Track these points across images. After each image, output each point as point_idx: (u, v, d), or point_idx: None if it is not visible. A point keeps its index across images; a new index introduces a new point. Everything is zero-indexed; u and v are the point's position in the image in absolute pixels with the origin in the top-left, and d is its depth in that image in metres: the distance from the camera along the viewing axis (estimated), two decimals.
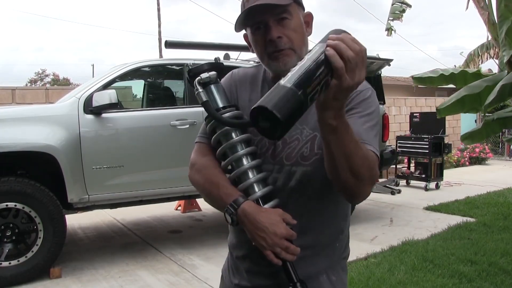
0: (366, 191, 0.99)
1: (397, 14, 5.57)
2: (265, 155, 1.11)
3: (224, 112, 1.07)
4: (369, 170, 0.95)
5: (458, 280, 3.29)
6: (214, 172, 1.11)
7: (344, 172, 0.93)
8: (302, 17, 1.10)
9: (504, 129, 5.87)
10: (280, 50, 1.05)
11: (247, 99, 1.16)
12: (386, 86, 6.23)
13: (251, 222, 1.01)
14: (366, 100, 1.07)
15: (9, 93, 6.45)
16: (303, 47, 1.09)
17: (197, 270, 3.63)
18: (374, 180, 1.00)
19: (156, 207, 5.50)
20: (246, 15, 1.05)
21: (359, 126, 1.02)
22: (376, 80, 5.64)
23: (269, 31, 1.04)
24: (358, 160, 0.92)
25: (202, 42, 5.37)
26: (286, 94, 0.76)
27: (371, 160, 0.97)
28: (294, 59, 1.04)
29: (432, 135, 7.57)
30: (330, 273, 1.15)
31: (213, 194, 1.09)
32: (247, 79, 1.20)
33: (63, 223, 3.58)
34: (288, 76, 0.78)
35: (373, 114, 1.07)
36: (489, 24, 4.77)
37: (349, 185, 0.95)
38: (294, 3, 1.07)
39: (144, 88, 5.19)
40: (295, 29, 1.06)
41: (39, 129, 3.52)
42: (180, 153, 4.01)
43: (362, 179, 0.94)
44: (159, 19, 17.01)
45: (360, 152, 0.93)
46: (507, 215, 5.30)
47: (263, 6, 1.02)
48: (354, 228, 4.83)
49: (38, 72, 38.10)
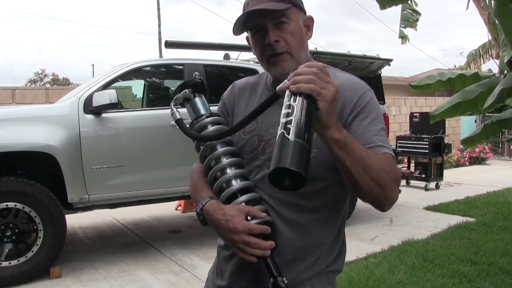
0: (394, 196, 0.98)
1: (410, 23, 5.57)
2: (255, 152, 1.13)
3: (202, 119, 1.14)
4: (389, 174, 0.95)
5: (458, 280, 3.29)
6: (198, 176, 1.17)
7: (367, 184, 0.93)
8: (302, 20, 1.11)
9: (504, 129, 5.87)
10: (277, 54, 1.07)
11: (244, 105, 1.21)
12: (386, 86, 6.24)
13: (210, 220, 1.04)
14: (368, 103, 1.07)
15: (9, 93, 6.45)
16: (301, 51, 1.10)
17: (197, 270, 3.63)
18: (398, 182, 0.99)
19: (156, 207, 5.51)
20: (246, 18, 1.07)
21: (369, 131, 1.02)
22: (376, 80, 5.64)
23: (267, 34, 1.07)
24: (376, 166, 0.93)
25: (202, 42, 5.39)
26: (297, 150, 0.79)
27: (389, 163, 0.96)
28: (292, 63, 1.07)
29: (432, 135, 7.57)
30: (315, 283, 1.10)
31: (194, 197, 1.16)
32: (247, 87, 1.24)
33: (63, 223, 3.58)
34: (291, 131, 0.81)
35: (378, 115, 1.07)
36: (489, 24, 4.77)
37: (376, 195, 0.95)
38: (294, 7, 1.08)
39: (144, 88, 5.18)
40: (293, 33, 1.08)
41: (39, 129, 3.52)
42: (180, 153, 4.02)
43: (386, 185, 0.94)
44: (159, 19, 17.04)
45: (375, 158, 0.94)
46: (507, 215, 5.30)
47: (262, 11, 1.04)
48: (354, 228, 4.84)
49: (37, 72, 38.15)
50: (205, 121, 1.13)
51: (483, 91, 4.22)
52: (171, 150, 4.03)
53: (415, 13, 5.57)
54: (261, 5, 1.05)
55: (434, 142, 7.52)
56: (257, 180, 1.11)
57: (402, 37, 5.80)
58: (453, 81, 4.86)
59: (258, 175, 1.11)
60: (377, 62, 5.33)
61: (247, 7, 1.09)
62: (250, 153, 1.13)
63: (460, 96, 4.51)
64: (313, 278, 1.10)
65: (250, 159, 1.13)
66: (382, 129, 1.05)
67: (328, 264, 1.13)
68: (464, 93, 4.50)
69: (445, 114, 4.74)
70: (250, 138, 1.14)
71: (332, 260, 1.13)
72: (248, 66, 4.79)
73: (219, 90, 1.90)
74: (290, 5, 1.06)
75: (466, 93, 4.47)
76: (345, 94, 1.05)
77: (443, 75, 5.04)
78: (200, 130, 1.13)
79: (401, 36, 5.79)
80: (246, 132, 1.15)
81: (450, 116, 4.91)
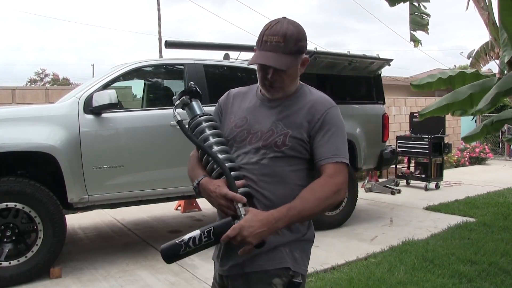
0: (339, 203, 1.39)
1: (421, 26, 5.58)
2: (244, 142, 1.45)
3: (196, 118, 1.46)
4: (326, 197, 1.32)
5: (458, 280, 3.29)
6: (194, 161, 1.51)
7: (320, 212, 1.36)
8: (299, 63, 1.42)
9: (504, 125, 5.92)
10: (272, 86, 1.42)
11: (237, 106, 1.54)
12: (386, 86, 6.23)
13: (204, 190, 1.40)
14: (331, 118, 1.41)
15: (9, 93, 6.44)
16: (292, 86, 1.44)
17: (197, 270, 3.63)
18: (337, 192, 1.34)
19: (156, 207, 5.51)
20: (256, 59, 1.39)
21: (325, 144, 1.38)
22: (376, 80, 5.64)
23: (269, 73, 1.39)
24: (314, 203, 1.31)
25: (202, 42, 5.38)
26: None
27: (321, 187, 1.34)
28: (281, 94, 1.44)
29: (432, 135, 7.57)
30: (294, 249, 1.41)
31: (191, 176, 1.49)
32: (241, 93, 1.58)
33: (63, 223, 3.58)
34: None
35: (337, 128, 1.41)
36: (489, 24, 4.77)
37: (328, 209, 1.40)
38: (299, 55, 1.40)
39: (144, 88, 5.18)
40: (289, 76, 1.41)
41: (39, 129, 3.52)
42: (180, 153, 4.01)
43: (328, 204, 1.35)
44: (159, 19, 17.04)
45: (310, 196, 1.32)
46: (507, 215, 5.30)
47: (270, 62, 1.36)
48: (354, 228, 4.83)
49: (37, 72, 38.14)
50: (199, 119, 1.45)
51: (473, 93, 4.25)
52: (171, 150, 4.03)
53: (424, 15, 5.58)
54: (272, 57, 1.35)
55: (434, 142, 7.53)
56: (243, 162, 1.42)
57: (415, 41, 5.80)
58: (454, 79, 4.87)
59: (244, 159, 1.43)
60: (377, 62, 5.32)
61: (261, 44, 1.38)
62: (240, 143, 1.45)
63: (448, 98, 4.56)
64: (291, 243, 1.40)
65: (239, 147, 1.45)
66: (335, 136, 1.39)
67: (304, 234, 1.44)
68: (455, 93, 4.54)
69: (435, 111, 4.77)
70: (241, 131, 1.46)
71: (305, 231, 1.45)
72: (248, 66, 4.79)
73: (219, 90, 1.90)
74: (294, 59, 1.38)
75: (457, 93, 4.51)
76: (315, 107, 1.42)
77: (444, 74, 5.05)
78: (196, 125, 1.45)
79: (413, 40, 5.79)
80: (238, 127, 1.48)
81: (440, 114, 4.96)
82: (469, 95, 4.29)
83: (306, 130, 1.40)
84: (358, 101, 5.46)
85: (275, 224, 1.27)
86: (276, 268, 1.36)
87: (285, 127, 1.41)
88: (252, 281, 1.37)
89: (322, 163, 1.37)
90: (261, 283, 1.36)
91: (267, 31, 1.37)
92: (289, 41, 1.35)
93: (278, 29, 1.36)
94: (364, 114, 5.37)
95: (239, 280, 1.40)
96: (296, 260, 1.40)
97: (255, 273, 1.37)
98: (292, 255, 1.39)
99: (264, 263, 1.37)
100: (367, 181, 7.51)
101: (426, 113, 4.86)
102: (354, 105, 5.37)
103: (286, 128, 1.40)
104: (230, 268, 1.41)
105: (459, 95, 4.46)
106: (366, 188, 7.31)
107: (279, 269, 1.37)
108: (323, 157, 1.37)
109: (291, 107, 1.44)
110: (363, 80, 5.60)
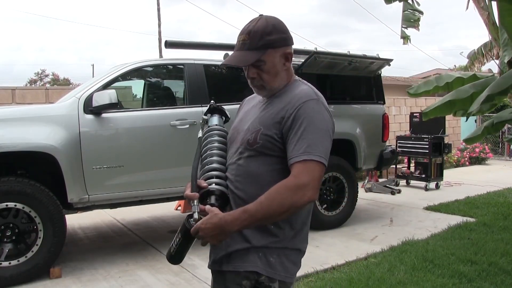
0: (305, 200, 1.28)
1: (412, 23, 5.54)
2: (233, 142, 1.49)
3: (210, 128, 1.59)
4: (288, 203, 1.25)
5: (458, 280, 3.29)
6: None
7: (283, 215, 1.30)
8: (279, 55, 1.38)
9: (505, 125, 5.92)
10: (254, 85, 1.43)
11: (244, 109, 1.60)
12: (386, 86, 6.22)
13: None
14: (304, 113, 1.32)
15: (9, 93, 6.44)
16: (274, 82, 1.41)
17: (197, 270, 3.63)
18: (306, 195, 1.26)
19: (156, 207, 5.51)
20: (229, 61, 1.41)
21: (295, 141, 1.30)
22: (376, 80, 5.63)
23: (247, 71, 1.41)
24: (274, 212, 1.26)
25: (202, 42, 5.37)
26: None
27: (284, 187, 1.26)
28: (265, 92, 1.43)
29: (432, 135, 7.57)
30: (269, 254, 1.37)
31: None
32: (251, 98, 1.61)
33: (63, 223, 3.58)
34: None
35: (305, 121, 1.31)
36: (489, 24, 4.77)
37: (295, 210, 1.31)
38: (270, 49, 1.36)
39: (144, 88, 5.17)
40: (268, 71, 1.38)
41: (39, 129, 3.52)
42: (180, 153, 4.02)
43: (295, 210, 1.30)
44: (159, 19, 17.04)
45: (272, 206, 1.26)
46: (507, 215, 5.30)
47: (233, 62, 1.39)
48: (354, 228, 4.84)
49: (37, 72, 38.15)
50: (211, 128, 1.58)
51: (475, 92, 4.25)
52: (171, 150, 4.03)
53: (417, 12, 5.55)
54: (236, 55, 1.37)
55: (434, 142, 7.52)
56: (228, 163, 1.46)
57: (404, 38, 5.77)
58: (451, 85, 4.89)
59: (230, 160, 1.46)
60: (377, 62, 5.32)
61: (238, 37, 1.39)
62: (231, 143, 1.50)
63: (451, 96, 4.55)
64: (265, 248, 1.37)
65: (230, 148, 1.50)
66: (313, 136, 1.30)
67: (281, 240, 1.38)
68: (458, 92, 4.54)
69: (437, 111, 4.77)
70: (234, 132, 1.52)
71: (284, 237, 1.39)
72: None
73: (219, 90, 1.90)
74: (261, 53, 1.34)
75: (459, 92, 4.51)
76: (291, 103, 1.35)
77: (440, 80, 5.05)
78: (208, 131, 1.57)
79: (403, 37, 5.76)
80: (233, 128, 1.54)
81: (443, 114, 4.95)
82: (471, 94, 4.29)
83: (278, 127, 1.35)
84: (358, 101, 5.45)
85: (227, 228, 1.26)
86: (246, 270, 1.37)
87: (259, 124, 1.39)
88: (227, 279, 1.40)
89: (291, 162, 1.30)
90: (233, 283, 1.38)
91: (240, 32, 1.39)
92: (254, 37, 1.34)
93: (246, 27, 1.38)
94: (364, 114, 5.37)
95: (218, 276, 1.45)
96: (271, 265, 1.36)
97: (230, 272, 1.39)
98: (266, 260, 1.37)
99: (237, 264, 1.38)
100: (367, 181, 7.51)
101: (429, 112, 4.84)
102: (354, 105, 5.37)
103: (259, 126, 1.39)
104: (212, 263, 1.47)
105: (461, 93, 4.46)
106: (366, 188, 7.31)
107: (249, 272, 1.37)
108: (292, 155, 1.30)
109: (274, 104, 1.41)
110: (363, 80, 5.59)
